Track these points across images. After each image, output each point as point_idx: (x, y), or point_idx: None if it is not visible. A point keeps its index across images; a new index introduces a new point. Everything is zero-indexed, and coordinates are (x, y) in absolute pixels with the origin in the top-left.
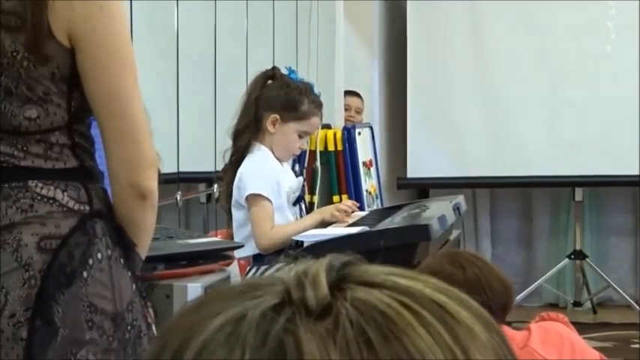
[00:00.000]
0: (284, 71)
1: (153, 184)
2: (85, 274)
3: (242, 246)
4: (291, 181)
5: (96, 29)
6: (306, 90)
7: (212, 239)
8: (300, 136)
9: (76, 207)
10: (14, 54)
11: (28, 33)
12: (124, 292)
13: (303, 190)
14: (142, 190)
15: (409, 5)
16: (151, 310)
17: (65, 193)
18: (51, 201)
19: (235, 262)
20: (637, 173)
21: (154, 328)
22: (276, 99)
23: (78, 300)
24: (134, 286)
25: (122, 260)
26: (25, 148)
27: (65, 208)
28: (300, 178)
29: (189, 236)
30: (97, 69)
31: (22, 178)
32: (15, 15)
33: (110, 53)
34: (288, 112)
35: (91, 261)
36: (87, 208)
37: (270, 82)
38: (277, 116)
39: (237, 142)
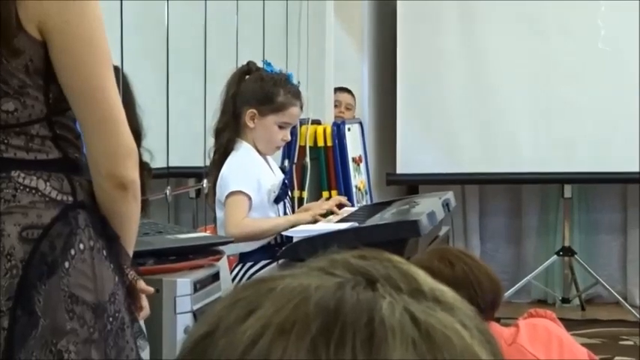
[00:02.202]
0: (261, 65)
1: (133, 174)
2: (66, 264)
3: (232, 241)
4: (273, 179)
5: (67, 20)
6: (281, 81)
7: (201, 234)
8: (281, 127)
9: (59, 197)
10: None
11: None
12: (106, 283)
13: (283, 189)
14: (122, 179)
15: (399, 3)
16: (145, 303)
17: (48, 184)
18: (33, 191)
19: (225, 258)
20: (626, 170)
21: (142, 322)
22: (251, 93)
23: (59, 290)
24: (117, 278)
25: (105, 252)
26: (6, 141)
27: (47, 199)
28: (281, 177)
29: (178, 231)
30: (70, 60)
31: (5, 168)
32: None
33: (83, 44)
34: (265, 105)
35: (72, 251)
36: (70, 198)
37: (246, 77)
38: (254, 111)
39: (219, 140)
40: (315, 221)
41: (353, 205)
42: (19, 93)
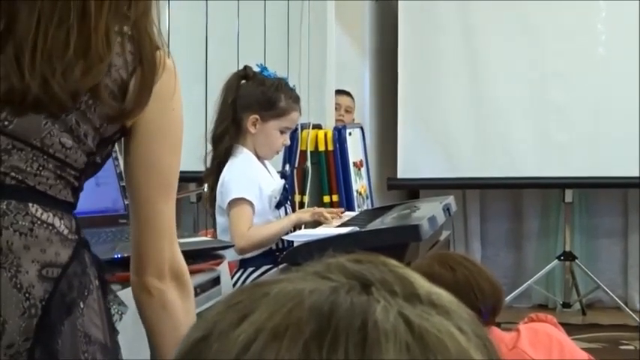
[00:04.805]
0: (256, 69)
1: (159, 283)
2: (81, 304)
3: (232, 245)
4: (273, 185)
5: (161, 128)
6: (281, 86)
7: (202, 239)
8: (282, 132)
9: (70, 236)
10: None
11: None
12: (108, 321)
13: (284, 194)
14: (147, 284)
15: (400, 5)
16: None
17: (62, 221)
18: (50, 227)
19: (225, 262)
20: (627, 175)
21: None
22: (253, 99)
23: (76, 330)
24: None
25: (102, 291)
26: (40, 168)
27: (62, 237)
28: (282, 182)
29: (179, 235)
30: (152, 162)
31: (24, 199)
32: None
33: (169, 150)
34: (267, 110)
35: (86, 291)
36: (77, 237)
37: (243, 82)
38: (257, 116)
39: (219, 146)
40: (315, 221)
41: (354, 210)
42: (79, 139)
